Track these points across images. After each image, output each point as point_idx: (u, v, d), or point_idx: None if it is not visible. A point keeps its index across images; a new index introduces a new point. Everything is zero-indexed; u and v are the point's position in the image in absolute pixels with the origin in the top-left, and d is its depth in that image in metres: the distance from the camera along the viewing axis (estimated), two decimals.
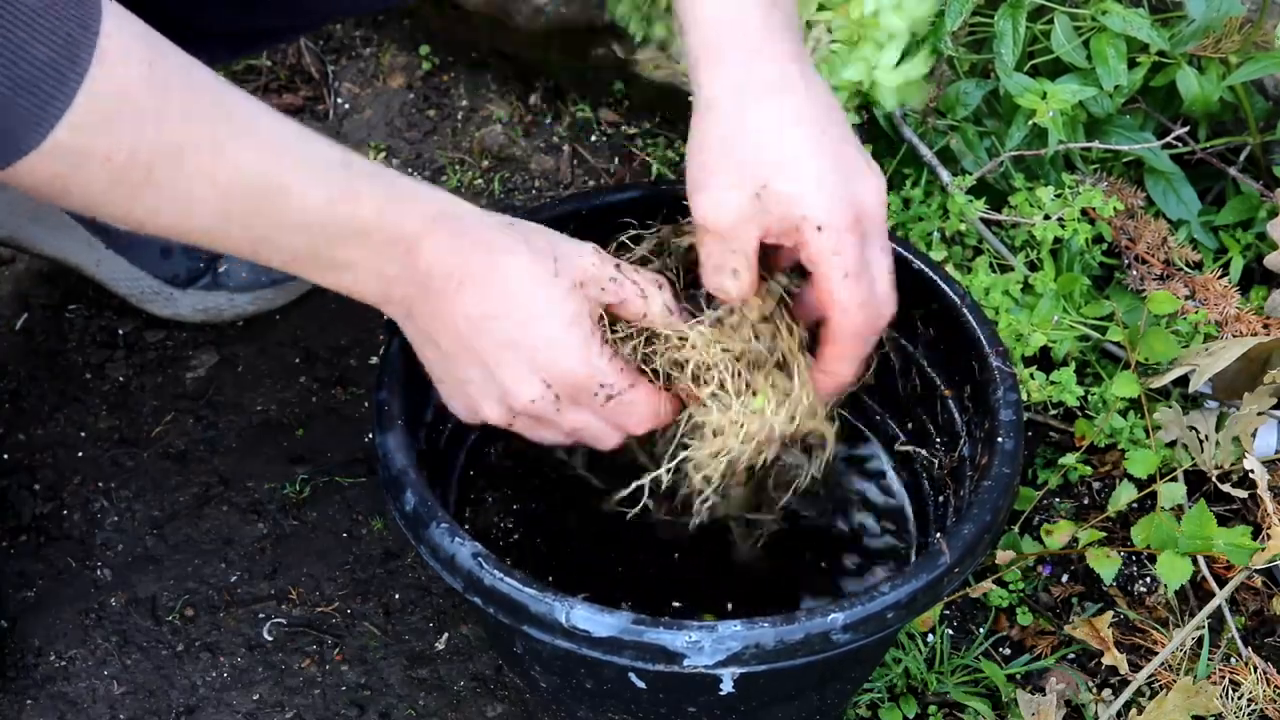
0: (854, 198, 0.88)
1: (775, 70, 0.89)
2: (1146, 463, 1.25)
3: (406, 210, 0.86)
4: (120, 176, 0.78)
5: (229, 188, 0.81)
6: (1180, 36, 1.35)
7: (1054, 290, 1.33)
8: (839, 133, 0.90)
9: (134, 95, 0.76)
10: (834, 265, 0.88)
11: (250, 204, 0.82)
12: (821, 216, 0.87)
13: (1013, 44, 1.35)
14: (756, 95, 0.89)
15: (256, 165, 0.81)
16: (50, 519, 1.35)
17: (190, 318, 1.49)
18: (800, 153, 0.88)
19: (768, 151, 0.88)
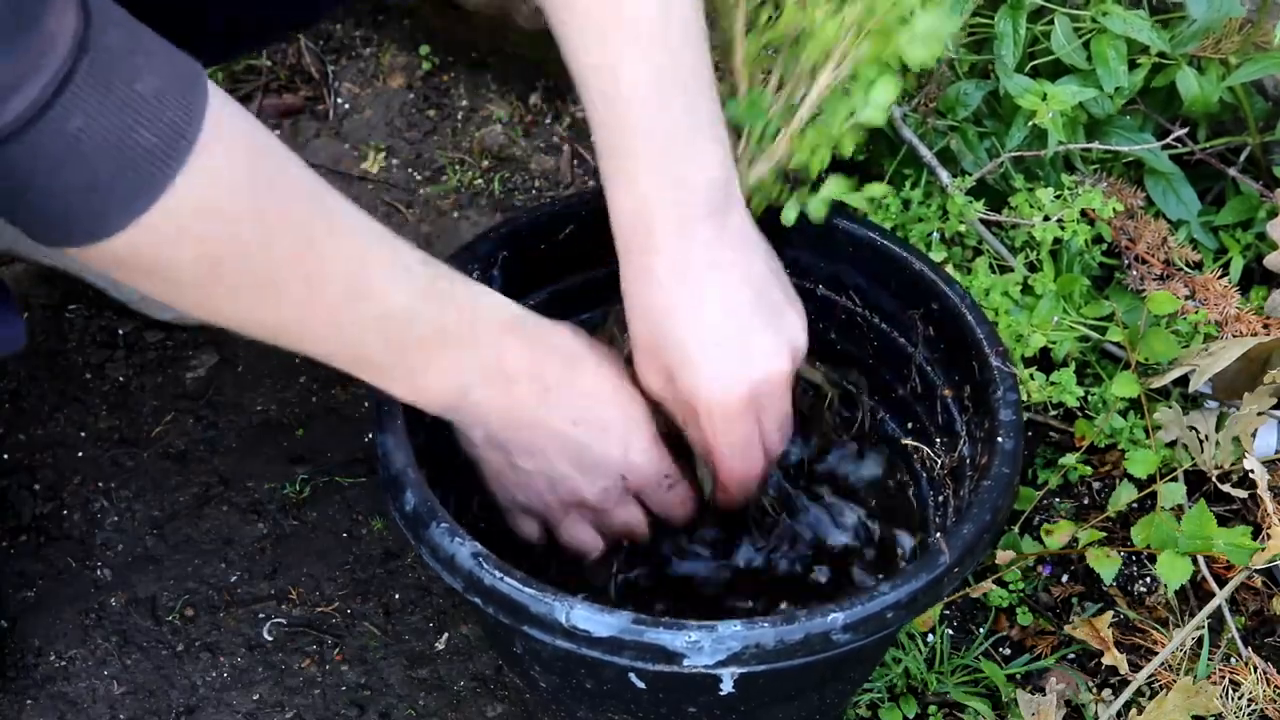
0: (749, 383, 0.93)
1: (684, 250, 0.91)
2: (1146, 463, 1.25)
3: (485, 314, 0.89)
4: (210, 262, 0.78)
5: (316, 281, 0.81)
6: (1181, 37, 1.35)
7: (1053, 291, 1.33)
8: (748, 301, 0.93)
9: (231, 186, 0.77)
10: (717, 443, 0.95)
11: (337, 301, 0.83)
12: (708, 406, 0.93)
13: (1013, 45, 1.35)
14: (661, 288, 0.92)
15: (346, 261, 0.82)
16: (50, 519, 1.35)
17: (190, 320, 1.49)
18: (697, 346, 0.92)
19: (670, 339, 0.92)
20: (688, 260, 0.91)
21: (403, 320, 0.86)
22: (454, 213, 1.65)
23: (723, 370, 0.93)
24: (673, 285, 0.92)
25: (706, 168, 0.91)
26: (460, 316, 0.88)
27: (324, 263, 0.81)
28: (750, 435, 0.96)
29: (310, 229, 0.81)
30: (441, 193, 1.67)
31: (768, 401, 0.95)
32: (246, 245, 0.78)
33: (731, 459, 0.96)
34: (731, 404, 0.93)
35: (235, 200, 0.77)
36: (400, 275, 0.85)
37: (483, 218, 1.64)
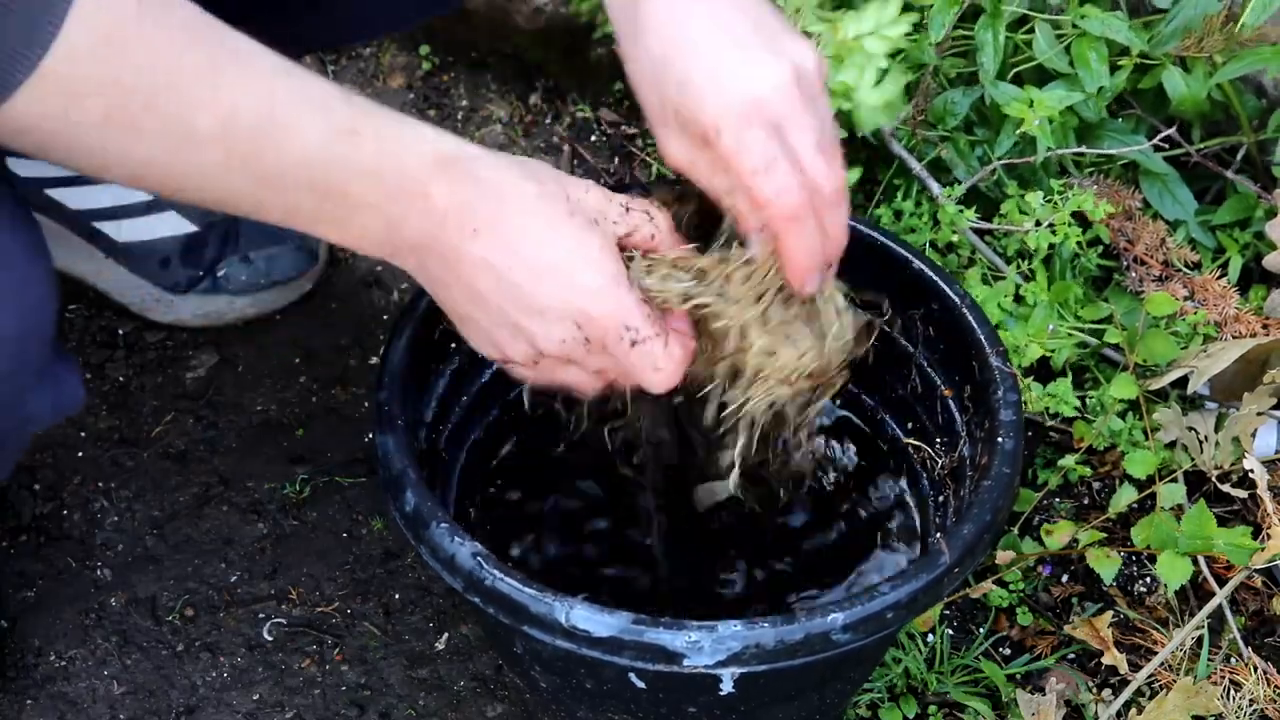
0: (750, 87, 0.86)
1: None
2: (1146, 463, 1.25)
3: (411, 150, 0.83)
4: (117, 109, 0.75)
5: (229, 122, 0.78)
6: (1159, 37, 1.36)
7: (1047, 300, 1.33)
8: (740, 21, 0.88)
9: (125, 27, 0.73)
10: (740, 164, 0.87)
11: (252, 142, 0.79)
12: (715, 119, 0.86)
13: (994, 53, 1.35)
14: (659, 20, 0.88)
15: (256, 100, 0.78)
16: (50, 519, 1.35)
17: (191, 322, 1.49)
18: (691, 64, 0.87)
19: (668, 73, 0.87)
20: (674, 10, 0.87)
21: (323, 161, 0.81)
22: None
23: (724, 82, 0.86)
24: (664, 19, 0.87)
25: None
26: (382, 154, 0.82)
27: (234, 101, 0.77)
28: (772, 150, 0.86)
29: (214, 64, 0.77)
30: None
31: (786, 119, 0.87)
32: (153, 92, 0.75)
33: (760, 184, 0.86)
34: (734, 111, 0.86)
35: (134, 37, 0.74)
36: (317, 113, 0.80)
37: None
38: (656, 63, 0.88)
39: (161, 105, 0.76)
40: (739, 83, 0.86)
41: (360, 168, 0.82)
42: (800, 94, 0.88)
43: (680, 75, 0.87)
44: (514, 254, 0.85)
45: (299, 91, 0.80)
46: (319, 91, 0.81)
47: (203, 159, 0.79)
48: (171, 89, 0.76)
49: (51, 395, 0.91)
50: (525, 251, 0.85)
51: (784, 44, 0.88)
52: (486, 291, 0.86)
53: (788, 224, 0.89)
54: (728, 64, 0.86)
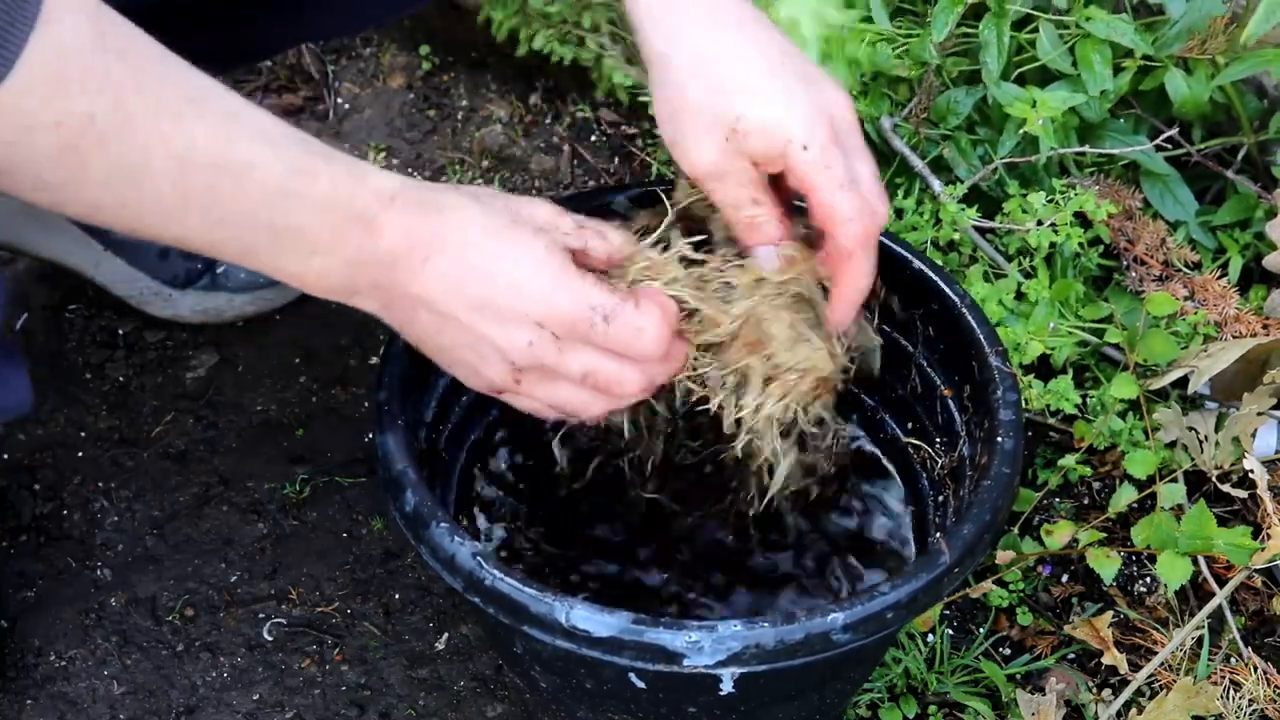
0: (827, 112, 0.89)
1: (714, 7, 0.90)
2: (1146, 463, 1.25)
3: (360, 186, 0.84)
4: (70, 146, 0.74)
5: (185, 161, 0.78)
6: (1164, 39, 1.36)
7: (1048, 298, 1.33)
8: (794, 51, 0.91)
9: (84, 60, 0.73)
10: (828, 180, 0.89)
11: (208, 180, 0.79)
12: (803, 135, 0.88)
13: (997, 53, 1.35)
14: (705, 35, 0.89)
15: (212, 138, 0.78)
16: (50, 519, 1.35)
17: (190, 318, 1.49)
18: (764, 79, 0.88)
19: (732, 84, 0.88)
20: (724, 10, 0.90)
21: (279, 199, 0.81)
22: None
23: (800, 98, 0.88)
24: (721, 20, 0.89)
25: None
26: (335, 191, 0.82)
27: (191, 139, 0.77)
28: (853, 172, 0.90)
29: (170, 102, 0.77)
30: None
31: (848, 138, 0.90)
32: (108, 128, 0.75)
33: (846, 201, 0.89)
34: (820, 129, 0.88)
35: (89, 76, 0.73)
36: (273, 152, 0.80)
37: None
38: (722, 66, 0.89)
39: (115, 143, 0.75)
40: (822, 103, 0.89)
41: (313, 204, 0.82)
42: (857, 126, 0.91)
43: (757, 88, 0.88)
44: (466, 267, 0.86)
45: (255, 131, 0.81)
46: (275, 132, 0.81)
47: (158, 197, 0.79)
48: (126, 127, 0.75)
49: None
50: (475, 262, 0.86)
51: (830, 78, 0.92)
52: (447, 311, 0.87)
53: (862, 248, 0.91)
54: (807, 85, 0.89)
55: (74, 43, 0.73)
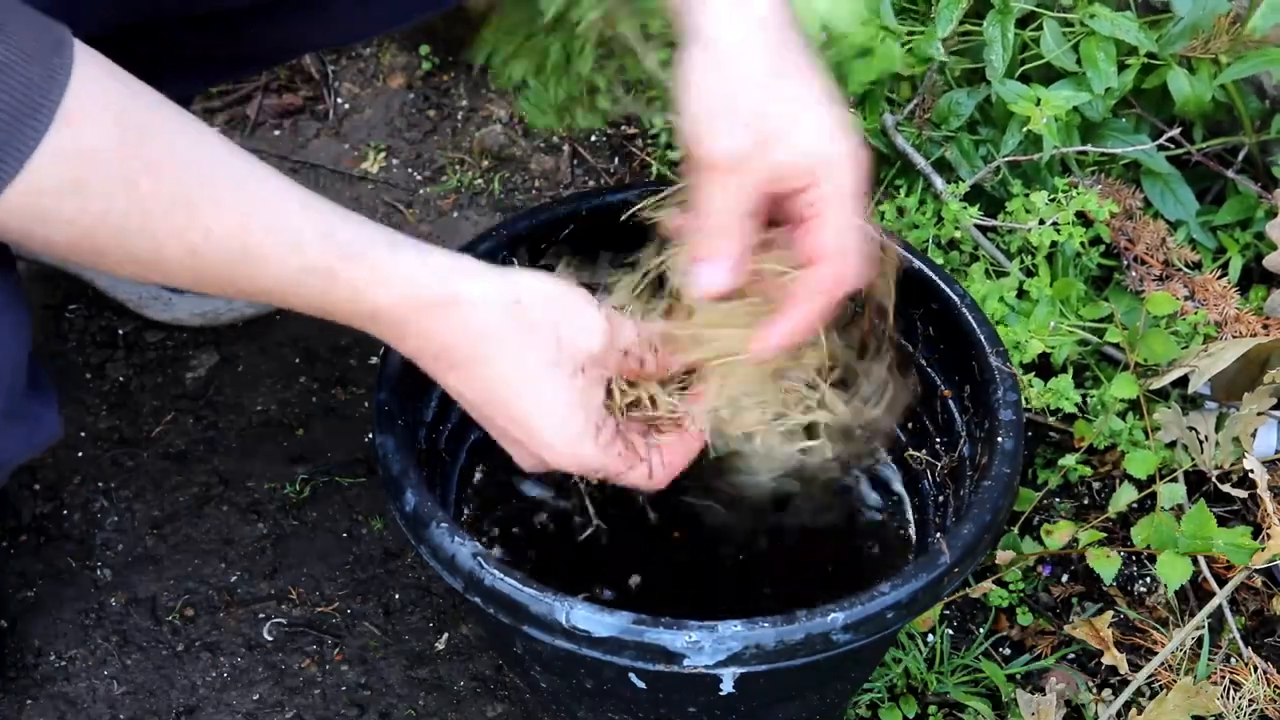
0: (857, 156, 0.90)
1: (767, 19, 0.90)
2: (1146, 463, 1.25)
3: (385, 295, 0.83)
4: (85, 235, 0.75)
5: (198, 253, 0.78)
6: (1168, 37, 1.36)
7: (1049, 296, 1.33)
8: (832, 95, 0.91)
9: (101, 161, 0.74)
10: (845, 211, 0.89)
11: (221, 269, 0.80)
12: (838, 163, 0.89)
13: (1002, 50, 1.35)
14: (761, 38, 0.89)
15: (228, 232, 0.79)
16: (50, 519, 1.35)
17: (189, 321, 1.49)
18: (810, 105, 0.89)
19: (778, 101, 0.88)
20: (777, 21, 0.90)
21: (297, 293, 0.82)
22: (454, 213, 1.65)
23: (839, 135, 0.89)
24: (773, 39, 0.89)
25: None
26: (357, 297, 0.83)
27: (207, 231, 0.78)
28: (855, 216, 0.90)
29: (189, 194, 0.77)
30: (441, 193, 1.67)
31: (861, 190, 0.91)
32: (122, 221, 0.75)
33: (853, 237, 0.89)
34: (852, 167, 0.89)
35: (105, 177, 0.74)
36: (291, 250, 0.80)
37: (483, 218, 1.64)
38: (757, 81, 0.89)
39: (130, 237, 0.76)
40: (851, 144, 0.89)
41: (336, 302, 0.83)
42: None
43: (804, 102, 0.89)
44: (487, 397, 0.88)
45: (275, 224, 0.80)
46: (297, 223, 0.81)
47: (171, 275, 0.80)
48: (141, 224, 0.76)
49: (26, 434, 0.91)
50: (497, 397, 0.87)
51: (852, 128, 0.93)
52: (469, 409, 0.90)
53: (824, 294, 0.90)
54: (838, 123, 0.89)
55: (94, 146, 0.73)
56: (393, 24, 1.34)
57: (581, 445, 0.89)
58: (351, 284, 0.82)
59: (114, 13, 1.01)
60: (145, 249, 0.77)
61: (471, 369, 0.86)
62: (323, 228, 0.81)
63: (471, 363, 0.86)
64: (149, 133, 0.76)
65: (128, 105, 0.75)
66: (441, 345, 0.85)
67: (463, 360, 0.86)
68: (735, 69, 0.89)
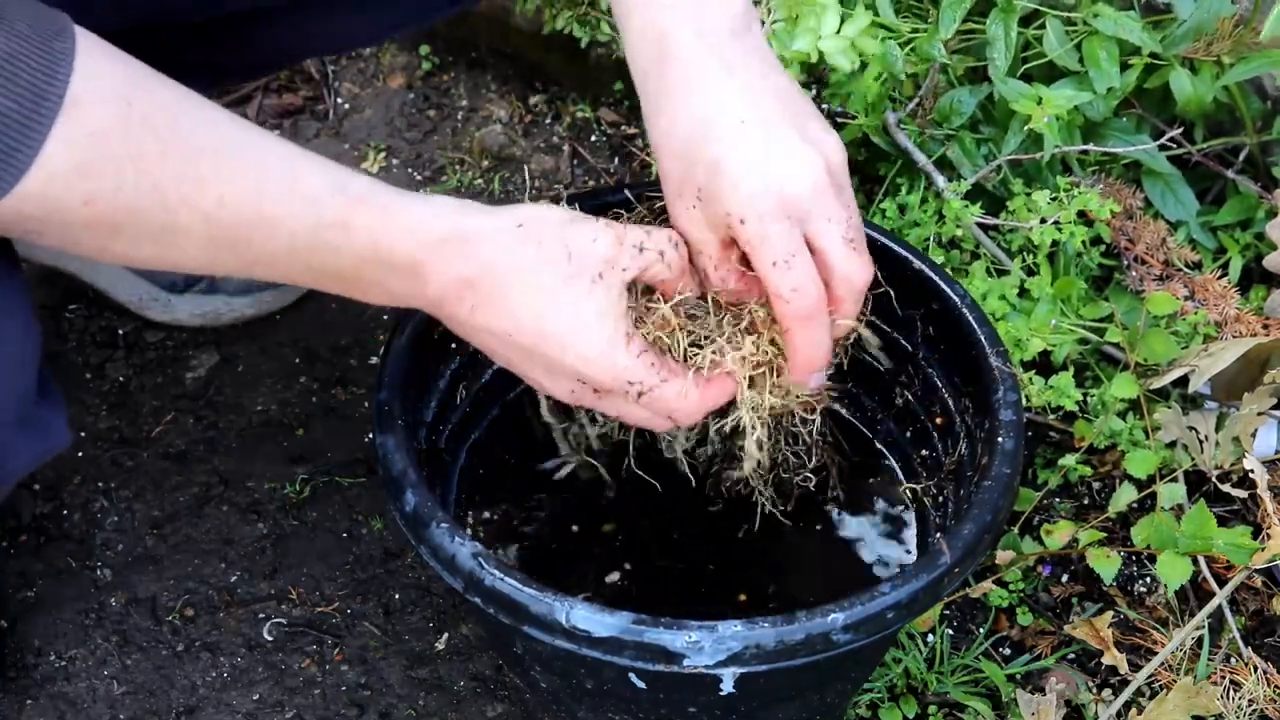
0: (781, 181, 0.87)
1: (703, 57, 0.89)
2: (1146, 463, 1.25)
3: (401, 236, 0.84)
4: (101, 218, 0.76)
5: (213, 220, 0.79)
6: (1171, 38, 1.36)
7: (1050, 294, 1.33)
8: (772, 106, 0.89)
9: (110, 140, 0.75)
10: (760, 255, 0.88)
11: (237, 235, 0.80)
12: (741, 209, 0.87)
13: (1005, 49, 1.35)
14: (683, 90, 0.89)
15: (241, 196, 0.79)
16: (50, 519, 1.35)
17: (188, 322, 1.49)
18: (722, 150, 0.87)
19: (698, 153, 0.88)
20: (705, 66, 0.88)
21: (314, 250, 0.83)
22: None
23: (754, 171, 0.86)
24: (694, 93, 0.88)
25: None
26: (375, 244, 0.83)
27: (220, 200, 0.78)
28: (793, 245, 0.88)
29: (199, 166, 0.78)
30: (441, 193, 1.67)
31: (815, 212, 0.88)
32: (134, 197, 0.76)
33: (778, 278, 0.88)
34: (762, 202, 0.87)
35: (114, 156, 0.75)
36: (307, 207, 0.81)
37: None
38: (685, 139, 0.89)
39: (144, 213, 0.77)
40: (770, 174, 0.87)
41: (353, 255, 0.83)
42: (831, 185, 0.89)
43: (710, 158, 0.88)
44: (513, 323, 0.87)
45: (285, 185, 0.81)
46: (308, 181, 0.82)
47: (186, 251, 0.81)
48: (154, 197, 0.77)
49: (35, 442, 0.92)
50: (523, 320, 0.87)
51: (813, 131, 0.90)
52: (496, 349, 0.90)
53: (799, 323, 0.91)
54: (759, 152, 0.87)
55: (101, 126, 0.74)
56: (396, 29, 1.34)
57: (614, 351, 0.88)
58: (369, 232, 0.83)
59: (114, 15, 1.02)
60: (160, 223, 0.78)
61: (494, 300, 0.86)
62: (333, 183, 0.82)
63: (492, 294, 0.86)
64: (153, 108, 0.77)
65: (130, 84, 0.76)
66: (460, 281, 0.86)
67: (484, 294, 0.86)
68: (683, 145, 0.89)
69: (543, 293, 0.87)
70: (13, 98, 0.71)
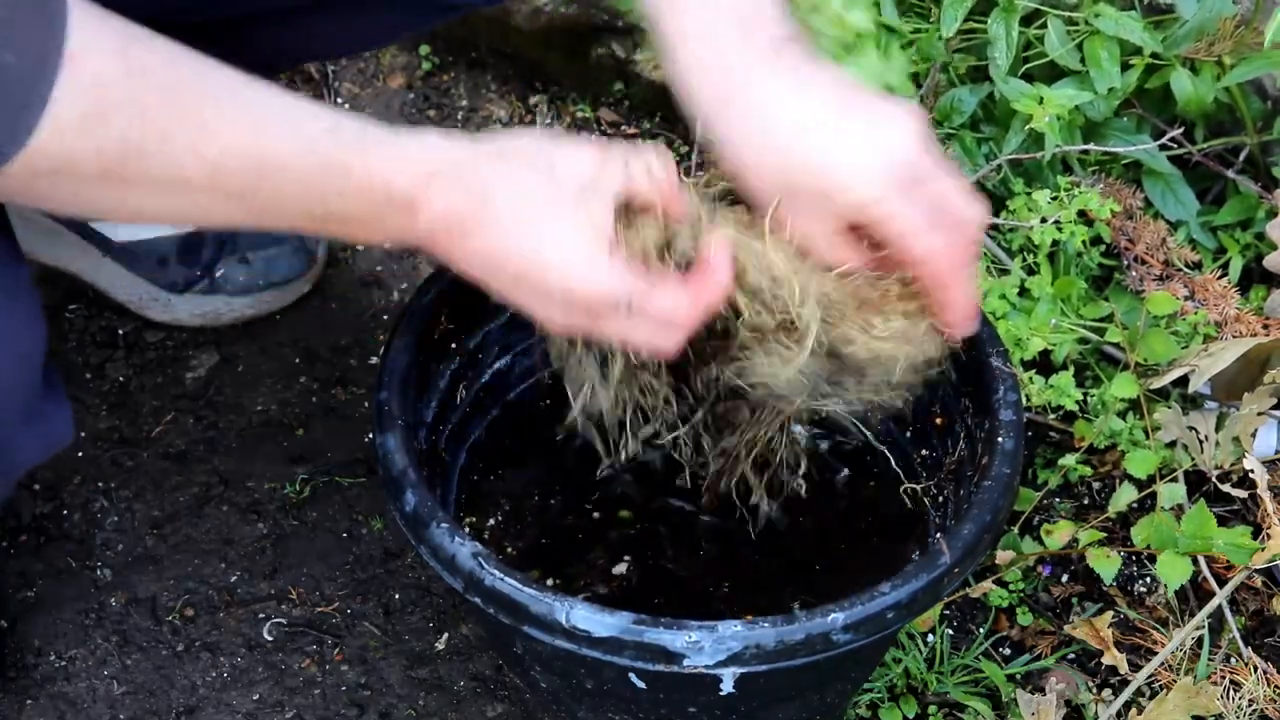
0: (890, 153, 0.89)
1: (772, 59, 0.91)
2: (1146, 463, 1.25)
3: (396, 172, 0.85)
4: (111, 168, 0.78)
5: (220, 164, 0.81)
6: (1173, 38, 1.36)
7: (1051, 294, 1.33)
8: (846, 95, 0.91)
9: (111, 88, 0.76)
10: (897, 230, 0.90)
11: (243, 179, 0.82)
12: (864, 196, 0.89)
13: (1006, 48, 1.35)
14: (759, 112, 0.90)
15: (244, 142, 0.81)
16: (50, 519, 1.35)
17: (189, 322, 1.49)
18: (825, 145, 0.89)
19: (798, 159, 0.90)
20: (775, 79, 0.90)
21: (316, 194, 0.84)
22: None
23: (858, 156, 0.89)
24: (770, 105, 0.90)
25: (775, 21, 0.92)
26: (371, 181, 0.85)
27: (224, 144, 0.80)
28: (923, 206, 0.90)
29: (201, 110, 0.80)
30: None
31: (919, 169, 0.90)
32: (140, 143, 0.77)
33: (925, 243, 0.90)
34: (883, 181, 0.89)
35: (118, 103, 0.76)
36: (307, 150, 0.83)
37: None
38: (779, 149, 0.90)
39: (151, 160, 0.79)
40: (878, 151, 0.89)
41: (350, 195, 0.85)
42: (929, 142, 0.91)
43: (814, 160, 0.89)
44: (502, 248, 0.88)
45: (288, 130, 0.83)
46: (309, 127, 0.83)
47: (196, 200, 0.82)
48: (160, 144, 0.78)
49: (40, 434, 0.93)
50: (511, 244, 0.88)
51: (889, 104, 0.92)
52: (489, 278, 0.90)
53: (953, 277, 0.92)
54: (859, 136, 0.89)
55: (101, 74, 0.76)
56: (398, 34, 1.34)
57: (597, 263, 0.88)
58: (367, 170, 0.84)
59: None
60: (169, 172, 0.79)
61: (482, 227, 0.87)
62: (329, 125, 0.84)
63: (480, 221, 0.87)
64: (151, 60, 0.79)
65: (124, 38, 0.78)
66: (449, 212, 0.86)
67: (473, 224, 0.87)
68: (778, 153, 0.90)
69: (527, 214, 0.87)
70: (15, 54, 0.72)
